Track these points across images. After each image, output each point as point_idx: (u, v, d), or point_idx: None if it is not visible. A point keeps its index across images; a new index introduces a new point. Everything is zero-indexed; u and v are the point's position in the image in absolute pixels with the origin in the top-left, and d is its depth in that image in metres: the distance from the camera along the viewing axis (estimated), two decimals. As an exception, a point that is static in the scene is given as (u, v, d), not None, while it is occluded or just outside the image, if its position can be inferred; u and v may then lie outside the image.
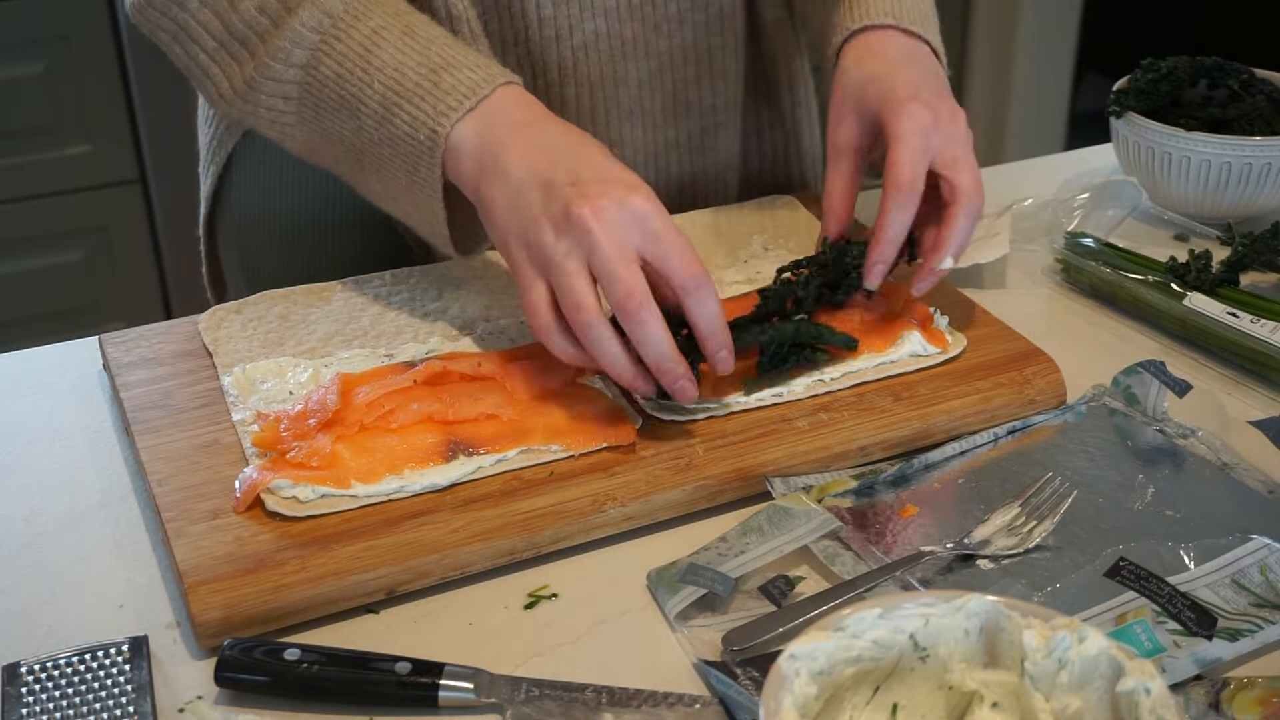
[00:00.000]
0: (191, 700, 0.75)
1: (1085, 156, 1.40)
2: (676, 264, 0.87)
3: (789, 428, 0.91)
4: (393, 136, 0.94)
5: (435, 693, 0.74)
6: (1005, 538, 0.84)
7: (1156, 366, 0.95)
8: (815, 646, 0.63)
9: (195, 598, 0.78)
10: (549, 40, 1.11)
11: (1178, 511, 0.87)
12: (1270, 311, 1.03)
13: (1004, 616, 0.65)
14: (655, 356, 0.87)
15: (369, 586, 0.80)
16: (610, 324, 0.87)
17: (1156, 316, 1.08)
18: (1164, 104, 1.23)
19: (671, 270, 0.87)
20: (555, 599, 0.82)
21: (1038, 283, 1.15)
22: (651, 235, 0.87)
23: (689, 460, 0.88)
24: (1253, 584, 0.80)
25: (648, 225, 0.87)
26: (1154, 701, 0.60)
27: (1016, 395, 0.95)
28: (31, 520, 0.89)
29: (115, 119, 2.31)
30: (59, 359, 1.05)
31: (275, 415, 0.89)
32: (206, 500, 0.84)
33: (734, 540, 0.83)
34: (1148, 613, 0.77)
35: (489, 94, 0.93)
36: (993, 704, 0.66)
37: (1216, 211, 1.21)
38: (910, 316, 0.99)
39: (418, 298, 1.04)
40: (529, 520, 0.84)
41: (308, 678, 0.74)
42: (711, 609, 0.80)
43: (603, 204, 0.86)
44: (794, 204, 1.18)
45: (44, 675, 0.75)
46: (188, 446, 0.89)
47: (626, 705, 0.73)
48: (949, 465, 0.91)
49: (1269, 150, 1.16)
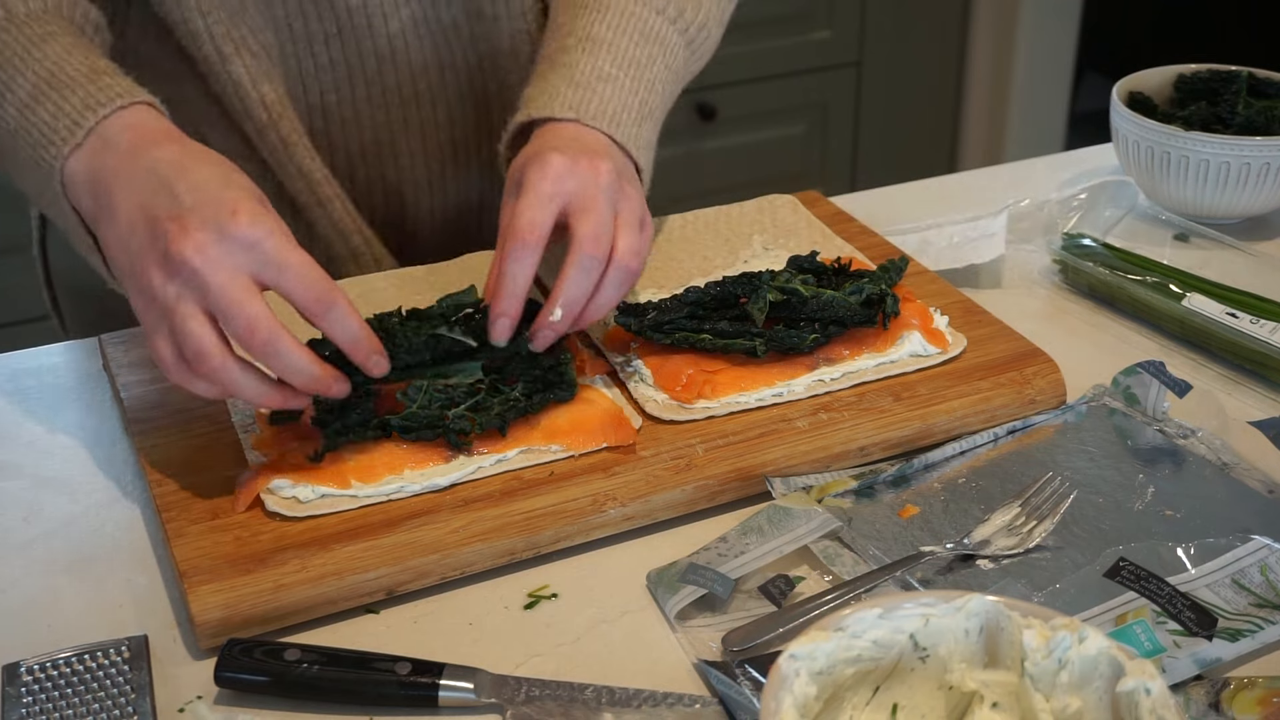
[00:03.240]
0: (191, 700, 0.75)
1: (1085, 156, 1.40)
2: (297, 289, 0.81)
3: (789, 428, 0.91)
4: (30, 124, 0.87)
5: (435, 693, 0.74)
6: (1005, 538, 0.84)
7: (1156, 367, 0.95)
8: (815, 646, 0.63)
9: (195, 598, 0.78)
10: (362, 29, 1.08)
11: (1178, 511, 0.87)
12: (1270, 312, 1.03)
13: (1004, 616, 0.65)
14: (303, 380, 0.82)
15: (369, 586, 0.80)
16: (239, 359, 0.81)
17: (1155, 317, 1.08)
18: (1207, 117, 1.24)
19: (294, 297, 0.81)
20: (555, 599, 0.82)
21: (1036, 283, 1.15)
22: (263, 261, 0.80)
23: (689, 460, 0.88)
24: (1253, 584, 0.80)
25: (257, 252, 0.80)
26: (1154, 701, 0.60)
27: (1016, 395, 0.95)
28: (31, 520, 0.89)
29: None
30: (59, 359, 1.05)
31: None
32: (206, 500, 0.84)
33: (734, 540, 0.83)
34: (1148, 613, 0.77)
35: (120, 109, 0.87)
36: (993, 704, 0.66)
37: (1216, 211, 1.21)
38: (910, 316, 0.99)
39: (423, 291, 1.04)
40: (529, 520, 0.84)
41: (308, 678, 0.74)
42: (711, 609, 0.80)
43: (203, 238, 0.79)
44: (794, 204, 1.18)
45: (44, 675, 0.75)
46: (188, 446, 0.89)
47: (626, 705, 0.73)
48: (949, 465, 0.91)
49: (1269, 150, 1.16)
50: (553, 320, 0.89)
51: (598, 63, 0.99)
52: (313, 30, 1.07)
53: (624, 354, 0.97)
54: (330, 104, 1.11)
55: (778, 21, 2.71)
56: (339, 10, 1.07)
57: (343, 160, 1.14)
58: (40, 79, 0.89)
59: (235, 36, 1.04)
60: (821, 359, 0.95)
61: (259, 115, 1.07)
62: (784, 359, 0.95)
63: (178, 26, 1.02)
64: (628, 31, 1.01)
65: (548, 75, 1.00)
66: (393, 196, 1.17)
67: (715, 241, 1.12)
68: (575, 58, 0.99)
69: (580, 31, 1.01)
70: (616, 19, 1.01)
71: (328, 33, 1.08)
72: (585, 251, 0.89)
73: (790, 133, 2.86)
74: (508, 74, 1.16)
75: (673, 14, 1.04)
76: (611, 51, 1.00)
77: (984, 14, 2.92)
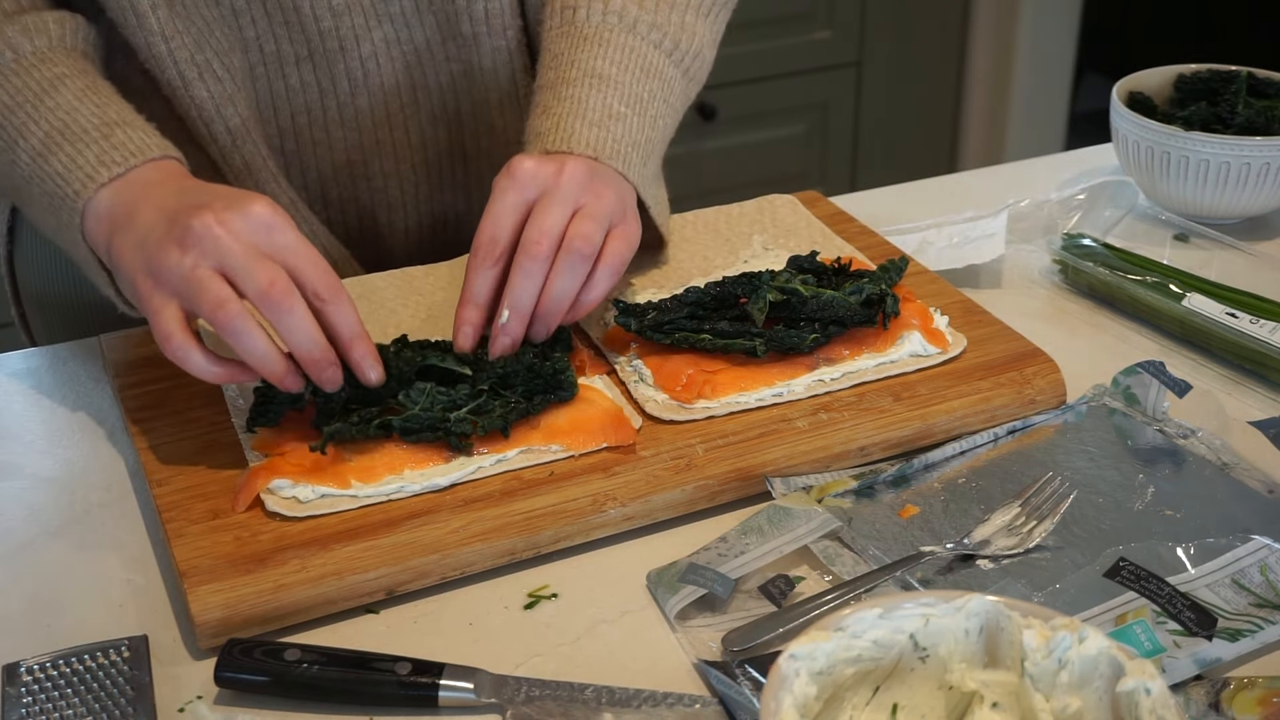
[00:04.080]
0: (191, 700, 0.75)
1: (1085, 156, 1.40)
2: (311, 272, 0.85)
3: (789, 428, 0.91)
4: (44, 174, 0.91)
5: (435, 693, 0.74)
6: (1005, 538, 0.84)
7: (1156, 367, 0.95)
8: (815, 646, 0.63)
9: (195, 598, 0.78)
10: (334, 52, 1.08)
11: (1178, 511, 0.87)
12: (1270, 311, 1.03)
13: (1004, 616, 0.65)
14: (306, 346, 0.84)
15: (369, 586, 0.80)
16: (255, 323, 0.84)
17: (1155, 317, 1.08)
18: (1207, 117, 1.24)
19: (306, 278, 0.84)
20: (555, 599, 0.82)
21: (1036, 283, 1.15)
22: (280, 243, 0.84)
23: (689, 460, 0.88)
24: (1253, 584, 0.80)
25: (276, 233, 0.84)
26: (1154, 701, 0.60)
27: (1016, 395, 0.95)
28: (31, 520, 0.89)
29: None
30: (59, 359, 1.05)
31: None
32: (206, 500, 0.84)
33: (734, 540, 0.83)
34: (1148, 613, 0.77)
35: (149, 159, 0.90)
36: (993, 704, 0.66)
37: (1216, 211, 1.21)
38: (910, 316, 0.99)
39: (422, 291, 1.04)
40: (529, 520, 0.84)
41: (308, 678, 0.74)
42: (711, 609, 0.80)
43: (226, 215, 0.83)
44: (794, 204, 1.18)
45: (44, 675, 0.75)
46: (188, 446, 0.89)
47: (626, 705, 0.73)
48: (949, 465, 0.91)
49: (1269, 150, 1.16)
50: (502, 323, 0.91)
51: (607, 100, 0.99)
52: (283, 52, 1.07)
53: (624, 354, 0.97)
54: (301, 125, 1.11)
55: (778, 21, 2.71)
56: (310, 33, 1.07)
57: (315, 181, 1.15)
58: (53, 128, 0.91)
59: (199, 60, 1.03)
60: (821, 359, 0.95)
61: (223, 139, 1.07)
62: (784, 359, 0.95)
63: (140, 50, 1.02)
64: (630, 69, 1.02)
65: (554, 108, 0.99)
66: (366, 216, 1.18)
67: (715, 241, 1.12)
68: (583, 93, 0.99)
69: (583, 65, 1.01)
70: (619, 55, 1.02)
71: (298, 55, 1.08)
72: (524, 255, 0.90)
73: (790, 133, 2.86)
74: (486, 92, 1.15)
75: (669, 47, 1.05)
76: (618, 89, 1.00)
77: (984, 14, 2.92)
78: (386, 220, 1.18)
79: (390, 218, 1.18)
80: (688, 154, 2.70)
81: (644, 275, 1.07)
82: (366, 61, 1.09)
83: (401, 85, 1.12)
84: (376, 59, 1.09)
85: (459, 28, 1.11)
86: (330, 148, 1.13)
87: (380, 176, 1.16)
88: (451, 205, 1.20)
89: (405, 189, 1.17)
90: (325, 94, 1.10)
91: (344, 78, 1.09)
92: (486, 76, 1.14)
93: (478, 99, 1.15)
